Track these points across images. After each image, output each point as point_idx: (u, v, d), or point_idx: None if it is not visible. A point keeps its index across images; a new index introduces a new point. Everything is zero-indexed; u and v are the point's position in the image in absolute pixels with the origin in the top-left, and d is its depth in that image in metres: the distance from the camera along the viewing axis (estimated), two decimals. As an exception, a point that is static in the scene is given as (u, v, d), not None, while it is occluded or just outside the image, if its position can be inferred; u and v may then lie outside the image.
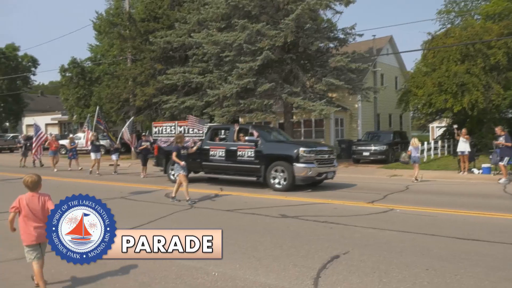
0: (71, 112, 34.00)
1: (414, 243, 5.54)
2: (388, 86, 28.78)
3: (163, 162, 13.52)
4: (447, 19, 33.36)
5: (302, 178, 10.59)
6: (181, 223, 7.05)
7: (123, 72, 26.14)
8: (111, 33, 30.97)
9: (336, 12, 20.04)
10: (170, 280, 4.23)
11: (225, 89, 19.14)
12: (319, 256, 4.91)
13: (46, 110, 51.39)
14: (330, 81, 18.41)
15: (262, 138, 11.43)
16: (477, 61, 20.42)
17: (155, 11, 25.24)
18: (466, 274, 4.23)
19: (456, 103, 20.02)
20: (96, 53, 37.01)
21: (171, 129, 13.65)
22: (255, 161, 11.26)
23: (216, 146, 12.26)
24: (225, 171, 12.07)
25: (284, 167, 10.73)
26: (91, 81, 32.66)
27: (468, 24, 23.81)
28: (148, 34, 24.22)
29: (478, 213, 7.56)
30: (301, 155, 10.55)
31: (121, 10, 30.82)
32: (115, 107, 25.65)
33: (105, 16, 35.68)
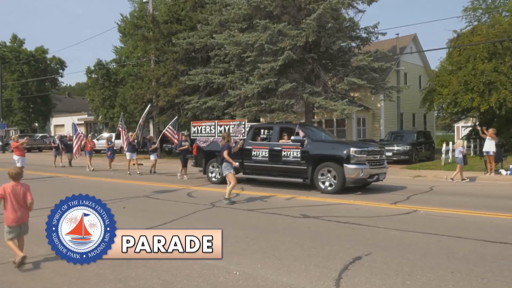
0: (96, 113, 34.79)
1: (438, 245, 5.41)
2: (412, 85, 28.20)
3: (203, 162, 13.08)
4: (474, 17, 32.48)
5: (353, 180, 9.97)
6: (202, 222, 7.11)
7: (146, 73, 26.56)
8: (135, 35, 31.54)
9: (358, 11, 19.82)
10: (193, 278, 4.27)
11: (246, 89, 19.19)
12: (340, 257, 4.86)
13: (73, 111, 52.82)
14: (352, 80, 18.21)
15: (308, 138, 10.87)
16: (505, 59, 19.79)
17: (178, 13, 25.54)
18: (493, 278, 4.10)
19: (483, 102, 19.47)
20: (120, 55, 37.73)
21: (210, 128, 13.10)
22: (301, 161, 10.70)
23: (259, 146, 11.73)
24: (268, 172, 11.53)
25: (333, 168, 10.12)
26: (116, 82, 33.31)
27: (495, 21, 23.08)
28: (171, 36, 24.52)
29: (505, 215, 7.32)
30: (352, 155, 9.93)
31: (145, 12, 31.34)
32: (139, 107, 26.06)
33: (130, 19, 36.38)
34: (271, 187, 11.54)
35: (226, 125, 12.72)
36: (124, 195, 10.21)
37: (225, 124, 12.81)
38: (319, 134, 12.27)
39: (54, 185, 13.37)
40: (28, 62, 47.40)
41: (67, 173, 16.86)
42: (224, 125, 12.79)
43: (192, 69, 23.57)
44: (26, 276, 4.51)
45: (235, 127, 12.30)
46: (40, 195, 10.92)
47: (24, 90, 47.24)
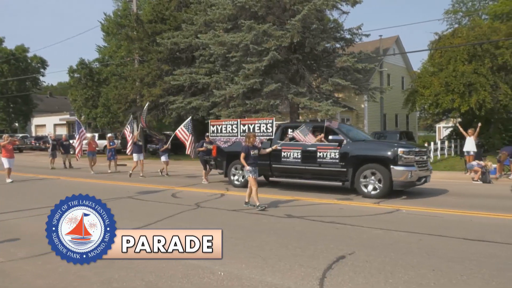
0: (79, 113, 34.27)
1: (420, 244, 5.50)
2: (395, 86, 28.65)
3: (223, 164, 12.19)
4: (455, 19, 33.16)
5: (402, 183, 9.23)
6: (187, 223, 7.07)
7: (130, 73, 26.32)
8: (119, 35, 31.17)
9: (342, 12, 20.05)
10: (177, 279, 4.25)
11: (231, 90, 19.19)
12: (324, 256, 4.90)
13: (54, 111, 51.95)
14: (337, 81, 18.38)
15: (347, 137, 10.09)
16: (484, 61, 20.28)
17: (162, 12, 25.37)
18: (472, 275, 4.20)
19: (463, 103, 19.91)
20: (104, 54, 37.28)
21: (232, 127, 12.09)
22: (340, 163, 9.86)
23: (290, 147, 10.72)
24: (300, 174, 10.68)
25: (378, 170, 9.32)
26: (99, 82, 32.89)
27: (475, 24, 23.63)
28: (155, 35, 24.35)
29: (485, 214, 7.49)
30: (400, 156, 9.16)
31: (128, 11, 31.05)
32: (123, 107, 25.81)
33: (113, 18, 35.95)
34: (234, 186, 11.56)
35: (250, 124, 11.67)
36: (107, 196, 10.08)
37: (250, 123, 11.75)
38: (356, 132, 11.40)
39: (32, 187, 13.13)
40: (8, 61, 46.39)
41: (58, 175, 16.33)
42: (248, 124, 11.74)
43: (176, 69, 23.45)
44: (5, 278, 4.42)
45: (261, 126, 11.31)
46: (22, 197, 10.74)
47: (4, 90, 46.24)
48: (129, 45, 27.18)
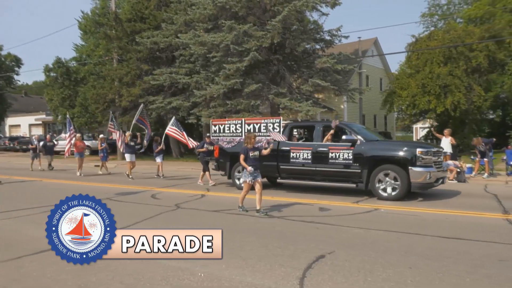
0: (55, 113, 33.53)
1: (398, 243, 5.59)
2: (373, 87, 29.10)
3: (226, 166, 11.62)
4: (431, 22, 33.92)
5: (420, 185, 8.89)
6: (167, 224, 7.00)
7: (109, 72, 25.87)
8: (97, 33, 30.65)
9: (322, 14, 20.25)
10: (156, 281, 4.19)
11: (212, 90, 19.11)
12: (305, 256, 4.92)
13: (30, 111, 50.59)
14: (316, 82, 18.54)
15: (361, 137, 9.69)
16: (459, 63, 20.82)
17: (142, 11, 25.04)
18: (448, 272, 4.29)
19: (439, 104, 20.39)
20: (81, 53, 36.56)
21: (236, 127, 11.42)
22: (353, 164, 9.46)
23: (299, 147, 10.31)
24: (310, 176, 10.23)
25: (395, 171, 8.95)
26: (76, 81, 32.24)
27: (450, 27, 24.24)
28: (135, 35, 24.02)
29: (460, 212, 7.68)
30: (419, 156, 8.80)
31: (107, 10, 30.54)
32: (101, 107, 25.36)
33: (91, 16, 35.31)
34: (235, 191, 11.52)
35: (256, 124, 10.98)
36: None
37: (255, 122, 11.05)
38: (368, 132, 10.98)
39: (8, 190, 12.76)
40: (-20, 59, 44.94)
41: (41, 176, 15.80)
42: (253, 123, 11.04)
43: (156, 68, 23.20)
44: (-23, 284, 4.27)
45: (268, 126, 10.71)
46: None
47: (-24, 89, 44.76)
48: (107, 44, 26.74)
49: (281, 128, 10.47)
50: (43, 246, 5.49)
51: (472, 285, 3.92)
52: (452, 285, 3.93)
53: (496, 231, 6.18)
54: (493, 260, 4.71)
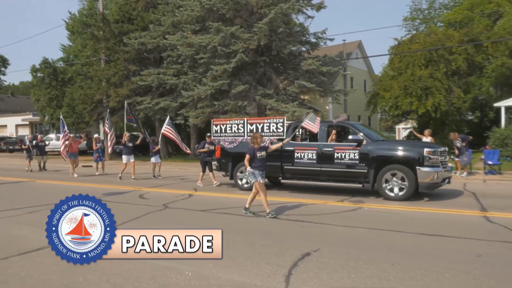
0: (42, 113, 32.97)
1: (381, 240, 5.66)
2: (357, 88, 29.38)
3: (229, 167, 11.26)
4: (413, 26, 34.44)
5: (428, 185, 8.77)
6: (155, 224, 6.95)
7: (96, 73, 25.57)
8: (84, 34, 30.27)
9: (308, 16, 20.35)
10: (143, 280, 4.16)
11: (199, 91, 19.06)
12: (290, 254, 4.94)
13: (16, 111, 49.59)
14: (302, 83, 18.64)
15: (367, 137, 9.47)
16: (439, 66, 21.16)
17: (129, 12, 24.82)
18: (429, 268, 4.36)
19: (420, 105, 20.69)
20: (68, 54, 36.05)
21: (238, 127, 11.10)
22: (360, 164, 9.25)
23: (303, 147, 10.04)
24: (315, 176, 9.96)
25: (402, 171, 8.78)
26: (63, 81, 31.78)
27: (431, 31, 24.63)
28: (122, 36, 23.80)
29: (440, 210, 7.80)
30: (426, 156, 8.66)
31: (94, 10, 30.16)
32: (88, 108, 25.06)
33: (78, 17, 34.84)
34: (222, 190, 11.52)
35: (259, 123, 10.72)
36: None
37: (258, 122, 10.79)
38: (372, 132, 10.79)
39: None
40: (-34, 59, 43.98)
41: (32, 177, 15.42)
42: (256, 123, 10.78)
43: (144, 69, 23.03)
44: (-37, 285, 4.18)
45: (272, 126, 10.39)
46: None
47: (-38, 89, 43.79)
48: (95, 45, 26.41)
49: (285, 128, 10.22)
50: (30, 246, 5.41)
51: (451, 280, 4.00)
52: (432, 281, 3.99)
53: (474, 228, 6.31)
54: (471, 255, 4.81)
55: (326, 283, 3.99)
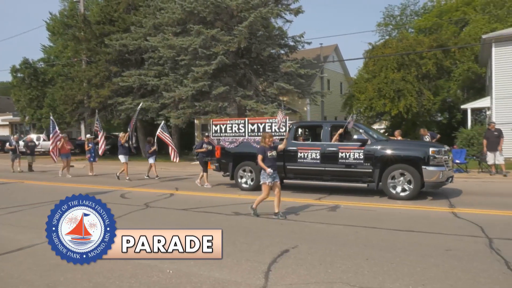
0: (23, 114, 32.03)
1: (357, 236, 5.74)
2: (334, 90, 29.71)
3: (229, 167, 10.87)
4: (386, 31, 35.08)
5: (433, 184, 8.70)
6: (136, 223, 6.85)
7: (77, 73, 25.03)
8: (66, 35, 29.59)
9: (286, 21, 20.46)
10: (125, 279, 4.09)
11: (180, 92, 18.90)
12: (270, 251, 4.95)
13: (-4, 111, 47.97)
14: (281, 85, 18.72)
15: (371, 137, 9.31)
16: (411, 69, 21.64)
17: (111, 14, 24.39)
18: (401, 262, 4.45)
19: (393, 107, 21.10)
20: (49, 54, 35.12)
21: (238, 127, 10.83)
22: (365, 163, 9.07)
23: (307, 147, 9.79)
24: (318, 176, 9.73)
25: (407, 170, 8.65)
26: (44, 82, 30.96)
27: (403, 37, 25.15)
28: (104, 37, 23.37)
29: (412, 207, 7.97)
30: (432, 156, 8.55)
31: (75, 12, 29.49)
32: (69, 108, 24.50)
33: (59, 18, 33.99)
34: (205, 189, 11.45)
35: (260, 123, 10.45)
36: (55, 198, 9.52)
37: (259, 122, 10.54)
38: (374, 132, 10.46)
39: None
40: None
41: (22, 178, 14.84)
42: (257, 123, 10.51)
43: (125, 70, 22.68)
44: None
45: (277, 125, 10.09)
46: None
47: None
48: (76, 46, 25.83)
49: (287, 128, 9.98)
50: (10, 246, 5.24)
51: (422, 273, 4.08)
52: (404, 274, 4.07)
53: (443, 224, 6.47)
54: (440, 250, 4.93)
55: (304, 279, 4.01)
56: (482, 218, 6.66)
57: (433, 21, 29.29)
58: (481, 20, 24.68)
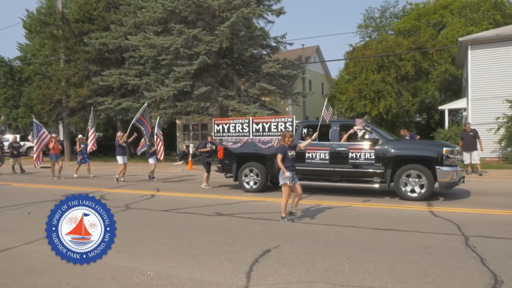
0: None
1: (337, 235, 5.80)
2: (315, 91, 29.96)
3: (233, 167, 10.56)
4: (366, 33, 35.60)
5: (447, 184, 8.51)
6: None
7: (55, 72, 24.45)
8: (43, 33, 28.89)
9: (268, 21, 20.51)
10: (105, 282, 4.02)
11: (162, 92, 18.72)
12: (252, 251, 4.96)
13: (-31, 111, 46.37)
14: (263, 85, 18.76)
15: (382, 137, 9.09)
16: (390, 71, 22.02)
17: (90, 12, 23.94)
18: (381, 260, 4.51)
19: (373, 108, 21.43)
20: (26, 53, 34.22)
21: (242, 126, 10.44)
22: (376, 164, 8.85)
23: (315, 147, 9.45)
24: (327, 176, 9.50)
25: (421, 171, 8.46)
26: (20, 81, 30.18)
27: (383, 38, 25.58)
28: (83, 35, 22.94)
29: (392, 206, 8.11)
30: (445, 156, 8.37)
31: (53, 9, 28.87)
32: (47, 108, 23.93)
33: (36, 15, 33.16)
34: (187, 190, 11.36)
35: (265, 123, 10.14)
36: (32, 199, 9.29)
37: (264, 121, 10.21)
38: (384, 131, 10.17)
39: None
40: None
41: None
42: (262, 123, 10.19)
43: (105, 69, 22.31)
44: None
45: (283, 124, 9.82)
46: None
47: None
48: (54, 44, 25.26)
49: (294, 128, 9.74)
50: (-17, 251, 5.08)
51: (401, 271, 4.16)
52: (384, 272, 4.14)
53: (421, 222, 6.61)
54: (419, 248, 5.03)
55: (286, 278, 4.03)
56: (459, 217, 6.84)
57: (411, 23, 29.90)
58: (457, 23, 25.33)
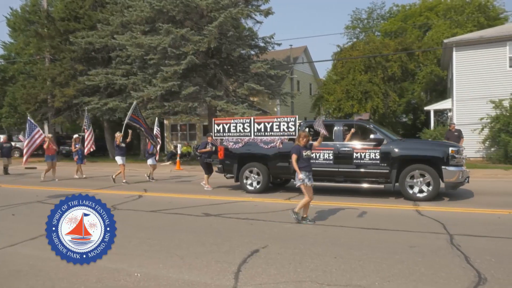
0: (-19, 113, 30.40)
1: (325, 235, 5.83)
2: (303, 91, 30.10)
3: (234, 168, 10.39)
4: (353, 34, 35.89)
5: (453, 184, 8.45)
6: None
7: (40, 72, 24.05)
8: (28, 31, 28.38)
9: (256, 21, 20.54)
10: (91, 284, 3.97)
11: (149, 92, 18.58)
12: (240, 251, 4.95)
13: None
14: (251, 86, 18.77)
15: (387, 136, 8.99)
16: (377, 72, 22.25)
17: (76, 10, 23.61)
18: (368, 259, 4.56)
19: (361, 108, 21.61)
20: (10, 51, 33.56)
21: (243, 126, 10.27)
22: (381, 164, 8.76)
23: (319, 147, 9.00)
24: (331, 177, 9.35)
25: (426, 171, 8.41)
26: (4, 80, 29.61)
27: (370, 39, 25.81)
28: (69, 34, 22.61)
29: (379, 205, 8.19)
30: (451, 156, 8.32)
31: (38, 7, 28.37)
32: (32, 108, 23.51)
33: (21, 13, 32.55)
34: (175, 191, 11.29)
35: (267, 122, 10.00)
36: (16, 201, 9.10)
37: (266, 121, 10.07)
38: (388, 131, 10.03)
39: None
40: None
41: None
42: (264, 122, 10.04)
43: (92, 69, 22.03)
44: None
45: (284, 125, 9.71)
46: None
47: None
48: (38, 43, 24.81)
49: (297, 128, 9.63)
50: (-35, 254, 4.96)
51: (388, 270, 4.20)
52: (371, 271, 4.18)
53: (408, 221, 6.69)
54: (405, 246, 5.09)
55: (274, 278, 4.03)
56: (444, 216, 6.94)
57: (398, 25, 30.26)
58: (442, 25, 25.73)
